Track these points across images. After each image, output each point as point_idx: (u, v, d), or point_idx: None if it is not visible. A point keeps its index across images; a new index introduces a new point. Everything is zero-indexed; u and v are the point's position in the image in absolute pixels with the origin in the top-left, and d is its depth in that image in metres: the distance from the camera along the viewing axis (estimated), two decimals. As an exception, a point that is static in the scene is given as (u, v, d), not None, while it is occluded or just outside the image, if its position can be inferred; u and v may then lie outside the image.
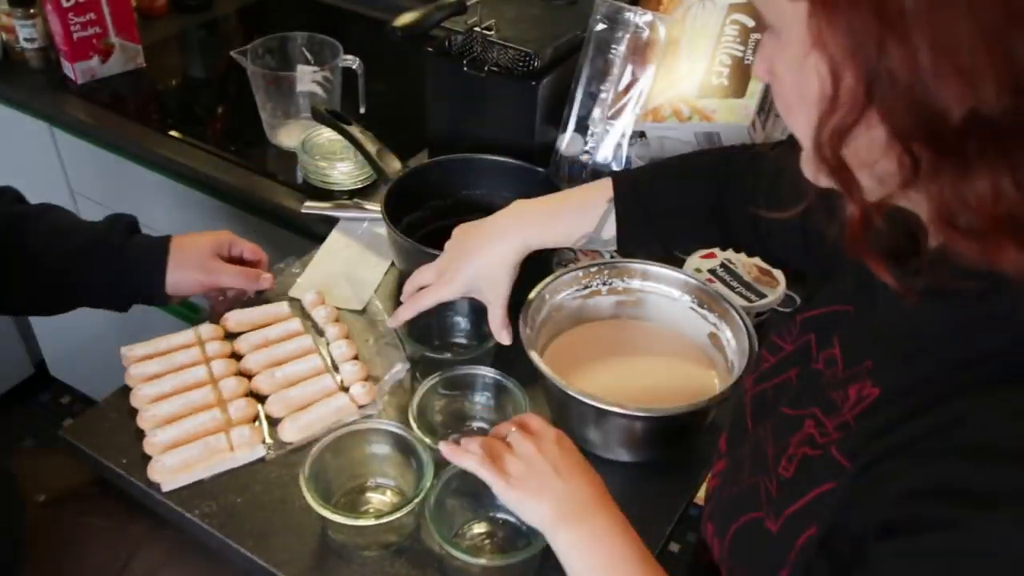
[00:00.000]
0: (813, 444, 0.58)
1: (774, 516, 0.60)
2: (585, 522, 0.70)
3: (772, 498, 0.61)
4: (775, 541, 0.59)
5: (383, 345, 1.03)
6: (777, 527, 0.59)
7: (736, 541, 0.64)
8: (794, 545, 0.57)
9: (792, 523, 0.57)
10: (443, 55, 1.20)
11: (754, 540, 0.62)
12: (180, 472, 0.86)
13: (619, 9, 1.18)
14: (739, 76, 1.16)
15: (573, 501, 0.71)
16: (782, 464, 0.61)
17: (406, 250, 1.06)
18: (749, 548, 0.63)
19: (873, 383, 0.55)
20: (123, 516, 1.00)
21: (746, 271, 1.07)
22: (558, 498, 0.71)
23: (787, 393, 0.66)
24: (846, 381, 0.58)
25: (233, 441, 0.89)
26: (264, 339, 1.01)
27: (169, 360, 0.97)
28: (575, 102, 1.22)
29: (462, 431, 0.93)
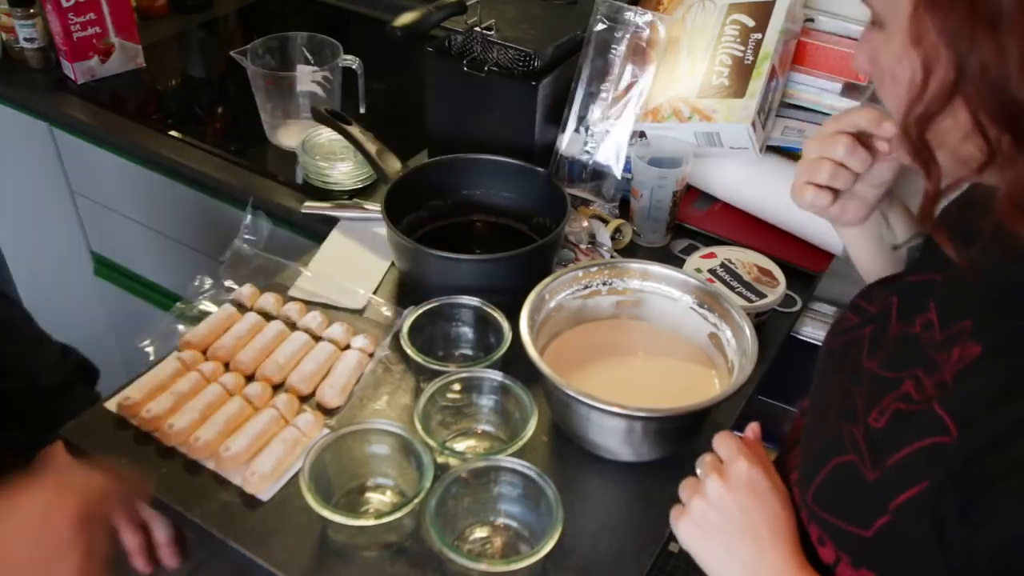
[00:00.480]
0: (908, 400, 0.59)
1: (871, 464, 0.60)
2: None
3: (862, 445, 0.61)
4: (874, 489, 0.59)
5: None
6: (875, 475, 0.59)
7: (824, 487, 0.64)
8: (897, 495, 0.57)
9: (894, 473, 0.58)
10: (443, 55, 1.20)
11: (846, 486, 0.62)
12: (275, 474, 0.87)
13: (619, 9, 1.18)
14: (739, 76, 1.16)
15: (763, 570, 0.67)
16: (872, 415, 0.62)
17: (406, 250, 1.06)
18: (840, 494, 0.63)
19: (975, 342, 0.57)
20: None
21: (746, 271, 1.07)
22: (744, 566, 0.67)
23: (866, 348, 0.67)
24: (947, 342, 0.59)
25: (302, 428, 0.90)
26: (237, 340, 1.01)
27: (177, 390, 0.94)
28: (575, 102, 1.22)
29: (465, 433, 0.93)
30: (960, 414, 0.55)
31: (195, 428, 0.90)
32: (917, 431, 0.57)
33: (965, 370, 0.56)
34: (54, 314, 1.87)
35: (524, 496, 0.81)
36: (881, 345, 0.67)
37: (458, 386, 0.91)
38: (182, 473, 0.88)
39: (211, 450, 0.88)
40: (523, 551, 0.80)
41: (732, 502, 0.68)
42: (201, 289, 1.09)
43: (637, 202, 1.17)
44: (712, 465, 0.71)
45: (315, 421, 0.92)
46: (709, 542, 0.69)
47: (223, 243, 1.14)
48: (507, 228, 1.18)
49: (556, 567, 0.80)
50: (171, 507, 0.86)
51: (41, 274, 1.81)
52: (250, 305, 1.06)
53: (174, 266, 1.57)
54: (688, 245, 1.19)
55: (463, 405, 0.92)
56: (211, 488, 0.87)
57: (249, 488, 0.86)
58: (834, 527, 0.64)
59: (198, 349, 1.00)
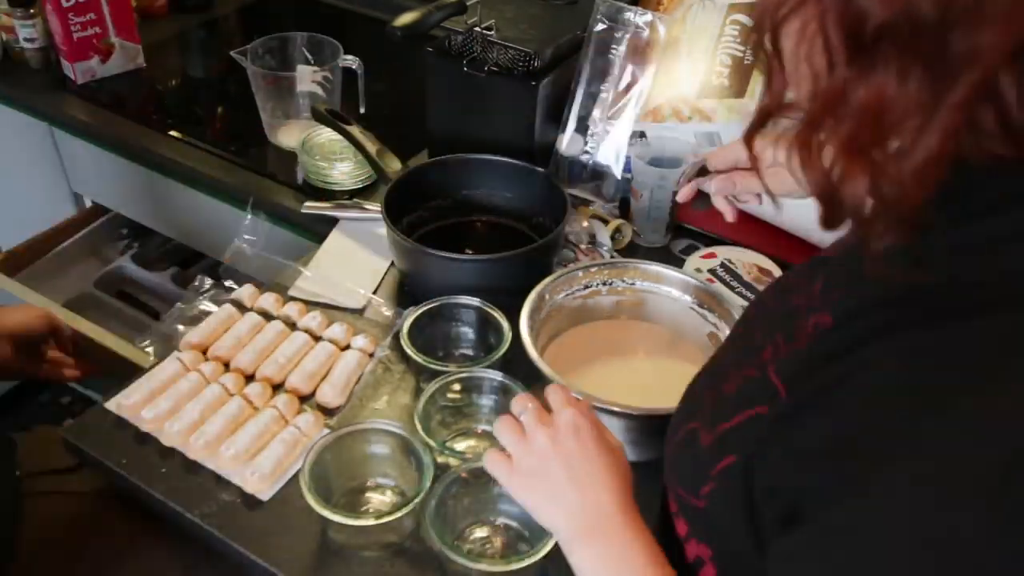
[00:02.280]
0: (761, 367, 0.58)
1: (709, 428, 0.59)
2: (601, 540, 0.65)
3: (707, 412, 0.60)
4: (703, 454, 0.58)
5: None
6: (709, 441, 0.58)
7: (674, 453, 0.64)
8: (717, 463, 0.56)
9: (722, 440, 0.57)
10: (443, 55, 1.20)
11: (687, 450, 0.61)
12: (276, 473, 0.87)
13: (619, 9, 1.18)
14: (739, 76, 1.16)
15: (588, 515, 0.66)
16: (728, 382, 0.61)
17: (406, 250, 1.06)
18: (682, 459, 0.62)
19: (830, 312, 0.55)
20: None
21: (746, 271, 1.07)
22: (571, 511, 0.66)
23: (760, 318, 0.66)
24: (811, 311, 0.57)
25: (302, 428, 0.90)
26: (237, 340, 1.01)
27: (177, 391, 0.94)
28: (575, 102, 1.22)
29: (466, 433, 0.93)
30: (790, 382, 0.53)
31: (195, 428, 0.90)
32: (753, 398, 0.56)
33: (813, 340, 0.54)
34: (54, 314, 1.88)
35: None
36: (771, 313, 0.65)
37: (458, 386, 0.91)
38: (182, 473, 0.88)
39: (211, 450, 0.88)
40: (523, 551, 0.80)
41: (559, 453, 0.68)
42: (201, 289, 1.09)
43: (637, 202, 1.17)
44: (539, 417, 0.70)
45: (315, 421, 0.92)
46: (537, 492, 0.68)
47: (223, 243, 1.14)
48: (507, 228, 1.18)
49: (556, 567, 0.80)
50: (171, 507, 0.86)
51: (41, 274, 1.81)
52: (250, 305, 1.06)
53: (174, 266, 1.57)
54: (688, 245, 1.19)
55: (463, 405, 0.92)
56: (211, 488, 0.87)
57: (249, 488, 0.86)
58: (679, 496, 0.63)
59: (198, 349, 1.00)
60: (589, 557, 0.65)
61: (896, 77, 0.43)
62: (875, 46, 0.43)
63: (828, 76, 0.46)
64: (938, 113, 0.43)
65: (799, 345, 0.56)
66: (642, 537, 0.64)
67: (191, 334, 1.01)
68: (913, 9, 0.41)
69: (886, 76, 0.43)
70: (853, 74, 0.44)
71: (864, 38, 0.43)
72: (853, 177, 0.46)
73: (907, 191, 0.45)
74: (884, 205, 0.46)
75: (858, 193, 0.46)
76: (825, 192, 0.48)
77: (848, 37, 0.44)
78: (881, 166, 0.45)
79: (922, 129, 0.43)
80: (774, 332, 0.60)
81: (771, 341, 0.59)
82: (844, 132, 0.45)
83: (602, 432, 0.70)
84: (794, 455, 0.50)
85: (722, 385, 0.61)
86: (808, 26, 0.46)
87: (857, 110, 0.45)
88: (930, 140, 0.43)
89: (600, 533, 0.65)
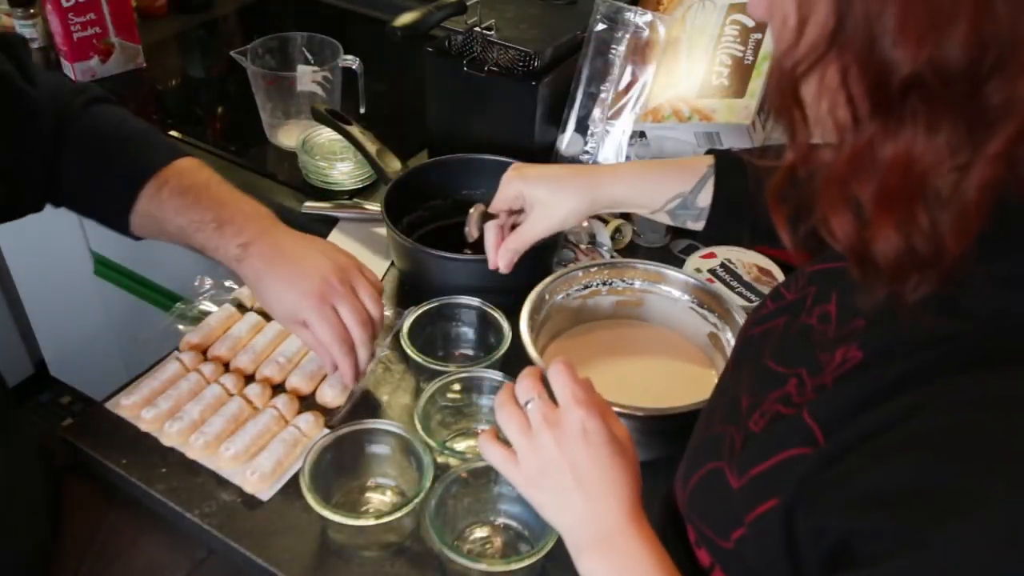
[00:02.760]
0: (788, 402, 0.56)
1: (737, 472, 0.57)
2: (610, 552, 0.63)
3: (737, 451, 0.58)
4: (735, 498, 0.56)
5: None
6: (739, 484, 0.56)
7: (696, 490, 0.62)
8: (754, 508, 0.54)
9: (756, 484, 0.55)
10: (443, 55, 1.20)
11: (713, 492, 0.59)
12: (276, 473, 0.87)
13: (619, 9, 1.18)
14: (739, 76, 1.16)
15: (596, 525, 0.64)
16: (754, 417, 0.58)
17: (406, 250, 1.06)
18: (707, 500, 0.61)
19: (859, 346, 0.53)
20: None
21: (746, 271, 1.07)
22: (577, 519, 0.64)
23: (771, 342, 0.64)
24: (837, 342, 0.55)
25: (302, 428, 0.90)
26: (237, 340, 1.01)
27: (176, 391, 0.94)
28: (575, 102, 1.22)
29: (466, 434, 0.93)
30: (827, 424, 0.51)
31: (195, 428, 0.90)
32: (785, 440, 0.54)
33: (843, 377, 0.52)
34: (54, 314, 1.88)
35: (524, 496, 0.81)
36: (784, 338, 0.63)
37: (458, 386, 0.91)
38: (182, 473, 0.88)
39: (211, 450, 0.88)
40: (523, 551, 0.80)
41: (565, 457, 0.65)
42: (201, 289, 1.09)
43: (637, 202, 1.17)
44: (544, 416, 0.67)
45: (315, 421, 0.92)
46: (544, 494, 0.66)
47: (223, 243, 1.14)
48: (507, 228, 1.18)
49: (556, 567, 0.80)
50: (171, 507, 0.86)
51: (41, 274, 1.81)
52: (250, 305, 1.06)
53: (174, 266, 1.57)
54: (688, 245, 1.19)
55: (463, 405, 0.92)
56: (211, 488, 0.87)
57: (249, 488, 0.86)
58: (703, 534, 0.61)
59: (198, 349, 1.00)
60: (598, 569, 0.63)
61: (925, 130, 0.41)
62: (902, 100, 0.42)
63: (853, 131, 0.44)
64: (975, 164, 0.41)
65: (825, 380, 0.54)
66: (653, 550, 0.62)
67: (191, 334, 1.01)
68: (942, 60, 0.40)
69: (914, 130, 0.42)
70: (879, 129, 0.43)
71: (890, 92, 0.42)
72: (884, 233, 0.44)
73: (944, 245, 0.43)
74: (919, 261, 0.44)
75: (891, 250, 0.44)
76: (855, 249, 0.46)
77: (872, 91, 0.43)
78: (914, 221, 0.43)
79: (959, 181, 0.42)
80: (794, 363, 0.58)
81: (793, 373, 0.57)
82: (873, 188, 0.44)
83: (612, 429, 0.67)
84: (845, 500, 0.48)
85: (745, 422, 0.59)
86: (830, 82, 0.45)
87: (886, 166, 0.43)
88: (968, 192, 0.42)
89: (609, 545, 0.63)
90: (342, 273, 0.90)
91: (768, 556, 0.54)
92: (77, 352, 1.91)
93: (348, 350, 0.88)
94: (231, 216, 0.92)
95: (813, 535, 0.50)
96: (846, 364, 0.53)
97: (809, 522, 0.50)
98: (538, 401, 0.68)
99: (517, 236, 0.95)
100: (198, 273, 1.10)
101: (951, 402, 0.45)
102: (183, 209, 0.92)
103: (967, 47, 0.39)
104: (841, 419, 0.50)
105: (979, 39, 0.39)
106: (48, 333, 1.96)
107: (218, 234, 0.91)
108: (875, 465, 0.47)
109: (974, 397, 0.45)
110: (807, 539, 0.51)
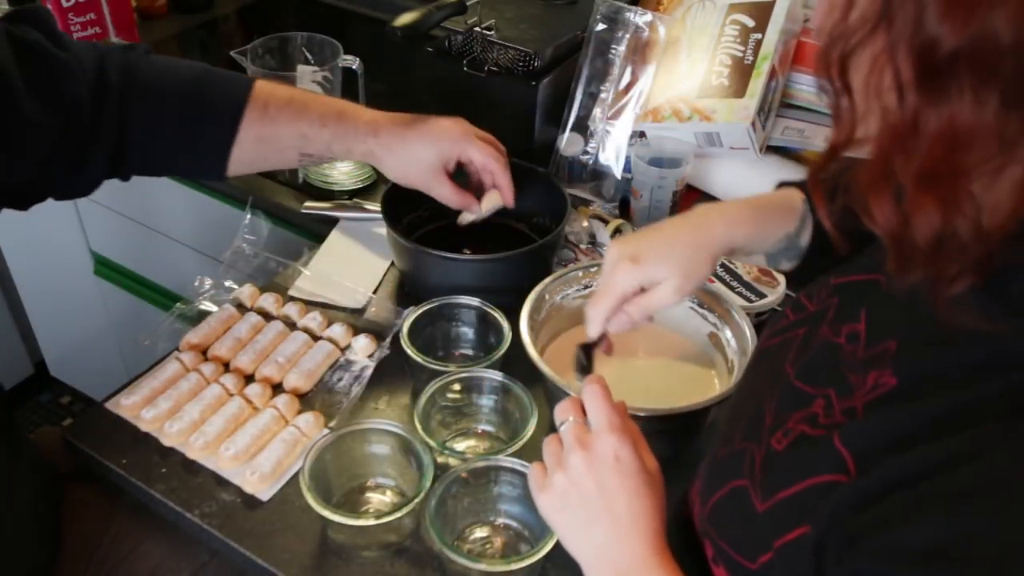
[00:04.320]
0: (814, 423, 0.55)
1: (762, 494, 0.56)
2: None
3: (758, 471, 0.57)
4: (761, 522, 0.55)
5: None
6: (765, 507, 0.55)
7: (718, 509, 0.61)
8: (782, 535, 0.53)
9: (783, 508, 0.54)
10: (443, 55, 1.20)
11: (737, 513, 0.58)
12: (276, 473, 0.87)
13: (619, 9, 1.18)
14: (739, 76, 1.16)
15: (618, 555, 0.62)
16: (776, 436, 0.57)
17: (406, 250, 1.06)
18: (731, 520, 0.60)
19: (893, 371, 0.51)
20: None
21: (746, 271, 1.07)
22: (601, 547, 0.63)
23: (792, 355, 0.62)
24: (867, 364, 0.53)
25: (302, 428, 0.90)
26: (237, 340, 1.01)
27: (177, 391, 0.94)
28: (575, 102, 1.22)
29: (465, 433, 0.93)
30: (861, 454, 0.49)
31: (195, 428, 0.90)
32: (813, 464, 0.52)
33: (876, 403, 0.51)
34: (54, 314, 1.88)
35: (524, 496, 0.81)
36: (806, 352, 0.61)
37: (458, 386, 0.91)
38: (182, 473, 0.88)
39: (211, 450, 0.88)
40: (523, 551, 0.80)
41: (593, 481, 0.63)
42: (201, 289, 1.09)
43: (637, 202, 1.17)
44: (577, 438, 0.66)
45: (315, 421, 0.92)
46: (566, 517, 0.65)
47: (223, 243, 1.14)
48: (507, 228, 1.18)
49: (556, 567, 0.80)
50: (171, 507, 0.86)
51: (41, 274, 1.81)
52: (250, 305, 1.06)
53: (174, 266, 1.57)
54: (688, 245, 1.19)
55: (463, 405, 0.92)
56: (211, 488, 0.87)
57: (249, 488, 0.86)
58: (724, 551, 0.60)
59: (198, 349, 1.00)
60: None
61: (971, 104, 0.41)
62: (948, 74, 0.41)
63: (899, 107, 0.44)
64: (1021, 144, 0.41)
65: (855, 403, 0.52)
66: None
67: (191, 334, 1.01)
68: (988, 33, 0.40)
69: (960, 104, 0.41)
70: (924, 103, 0.42)
71: (937, 66, 0.41)
72: (924, 213, 0.43)
73: (986, 228, 0.42)
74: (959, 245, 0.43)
75: (930, 231, 0.43)
76: (895, 232, 0.45)
77: (919, 66, 0.42)
78: (956, 201, 0.43)
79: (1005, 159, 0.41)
80: (821, 382, 0.57)
81: (821, 394, 0.56)
82: (916, 165, 0.43)
83: (643, 458, 0.66)
84: (884, 549, 0.46)
85: (768, 440, 0.58)
86: (878, 57, 0.44)
87: (929, 141, 0.42)
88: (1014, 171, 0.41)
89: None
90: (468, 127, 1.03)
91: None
92: (77, 352, 1.91)
93: (506, 164, 1.02)
94: (343, 107, 0.98)
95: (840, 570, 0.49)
96: (878, 390, 0.51)
97: (843, 563, 0.49)
98: (572, 423, 0.67)
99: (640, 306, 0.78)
100: (198, 273, 1.10)
101: (1005, 450, 0.43)
102: (298, 116, 0.96)
103: (1016, 22, 0.39)
104: (876, 452, 0.48)
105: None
106: (48, 333, 1.96)
107: (344, 120, 0.97)
108: (920, 513, 0.45)
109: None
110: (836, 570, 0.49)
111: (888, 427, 0.49)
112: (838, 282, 0.64)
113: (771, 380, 0.63)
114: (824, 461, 0.51)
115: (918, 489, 0.45)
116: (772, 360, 0.65)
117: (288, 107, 0.96)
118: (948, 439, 0.45)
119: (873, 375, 0.52)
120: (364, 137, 0.98)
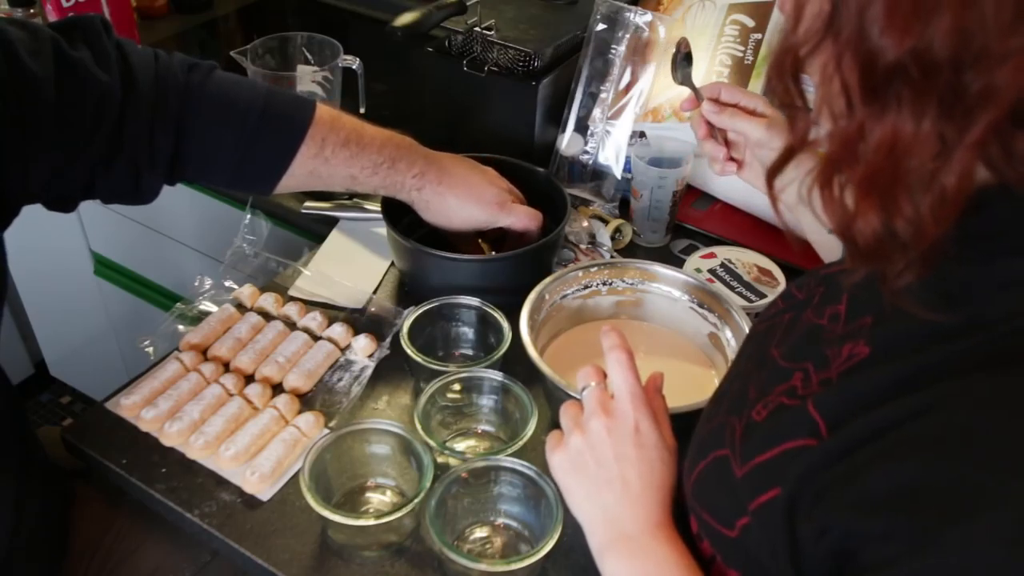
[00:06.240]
0: (793, 395, 0.57)
1: (741, 460, 0.57)
2: (637, 552, 0.63)
3: (739, 441, 0.59)
4: (739, 486, 0.57)
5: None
6: (743, 472, 0.57)
7: (701, 479, 0.62)
8: (757, 497, 0.55)
9: (759, 472, 0.55)
10: (443, 55, 1.20)
11: (718, 480, 0.60)
12: (276, 473, 0.87)
13: (619, 9, 1.18)
14: (739, 76, 1.16)
15: (625, 523, 0.64)
16: (757, 408, 0.59)
17: (406, 250, 1.06)
18: (712, 488, 0.61)
19: (866, 342, 0.53)
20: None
21: (746, 271, 1.07)
22: (606, 511, 0.64)
23: (777, 337, 0.64)
24: (844, 338, 0.56)
25: (302, 428, 0.90)
26: (237, 340, 1.01)
27: (177, 391, 0.94)
28: (575, 102, 1.22)
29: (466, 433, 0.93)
30: (832, 417, 0.52)
31: (195, 428, 0.90)
32: (789, 430, 0.54)
33: (849, 371, 0.53)
34: (54, 314, 1.88)
35: (524, 496, 0.82)
36: (790, 334, 0.64)
37: (458, 386, 0.91)
38: (182, 473, 0.88)
39: (211, 450, 0.88)
40: (523, 551, 0.80)
41: (611, 448, 0.66)
42: (201, 289, 1.09)
43: (637, 202, 1.17)
44: (601, 402, 0.68)
45: (315, 421, 0.92)
46: (579, 478, 0.66)
47: (223, 243, 1.14)
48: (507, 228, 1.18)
49: (556, 567, 0.80)
50: (171, 507, 0.86)
51: (41, 274, 1.81)
52: (250, 305, 1.06)
53: (174, 266, 1.57)
54: (688, 245, 1.19)
55: (463, 405, 0.92)
56: (211, 488, 0.87)
57: (249, 488, 0.86)
58: (707, 523, 0.61)
59: (198, 349, 1.00)
60: (623, 570, 0.63)
61: (911, 117, 0.43)
62: (889, 86, 0.43)
63: (847, 116, 0.46)
64: (955, 152, 0.42)
65: (831, 374, 0.55)
66: (683, 557, 0.62)
67: (191, 334, 1.01)
68: (926, 49, 0.41)
69: (901, 116, 0.43)
70: (869, 114, 0.45)
71: (879, 77, 0.44)
72: (866, 215, 0.46)
73: (923, 229, 0.45)
74: (900, 244, 0.46)
75: (870, 231, 0.46)
76: (844, 230, 0.48)
77: (863, 77, 0.44)
78: (896, 204, 0.45)
79: (938, 168, 0.43)
80: (801, 357, 0.59)
81: (799, 368, 0.58)
82: (861, 171, 0.46)
83: (662, 430, 0.68)
84: (849, 500, 0.48)
85: (749, 412, 0.60)
86: (827, 66, 0.47)
87: (873, 150, 0.45)
88: (947, 179, 0.43)
89: (637, 546, 0.63)
90: (505, 193, 1.06)
91: (770, 546, 0.54)
92: (77, 352, 1.91)
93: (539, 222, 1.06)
94: (395, 153, 1.01)
95: (815, 533, 0.50)
96: (852, 359, 0.54)
97: (812, 519, 0.50)
98: (595, 387, 0.70)
99: None
100: (198, 273, 1.10)
101: (961, 401, 0.46)
102: (352, 160, 0.99)
103: (950, 37, 0.41)
104: (846, 414, 0.51)
105: (962, 30, 0.41)
106: (48, 333, 1.96)
107: (393, 171, 1.01)
108: (881, 464, 0.47)
109: (984, 396, 0.45)
110: (809, 536, 0.51)
111: (858, 391, 0.51)
112: (827, 273, 0.66)
113: (757, 362, 0.65)
114: (798, 426, 0.53)
115: (882, 441, 0.47)
116: (759, 343, 0.67)
117: (344, 149, 0.98)
118: (908, 396, 0.47)
119: (848, 346, 0.55)
120: (408, 190, 1.02)
